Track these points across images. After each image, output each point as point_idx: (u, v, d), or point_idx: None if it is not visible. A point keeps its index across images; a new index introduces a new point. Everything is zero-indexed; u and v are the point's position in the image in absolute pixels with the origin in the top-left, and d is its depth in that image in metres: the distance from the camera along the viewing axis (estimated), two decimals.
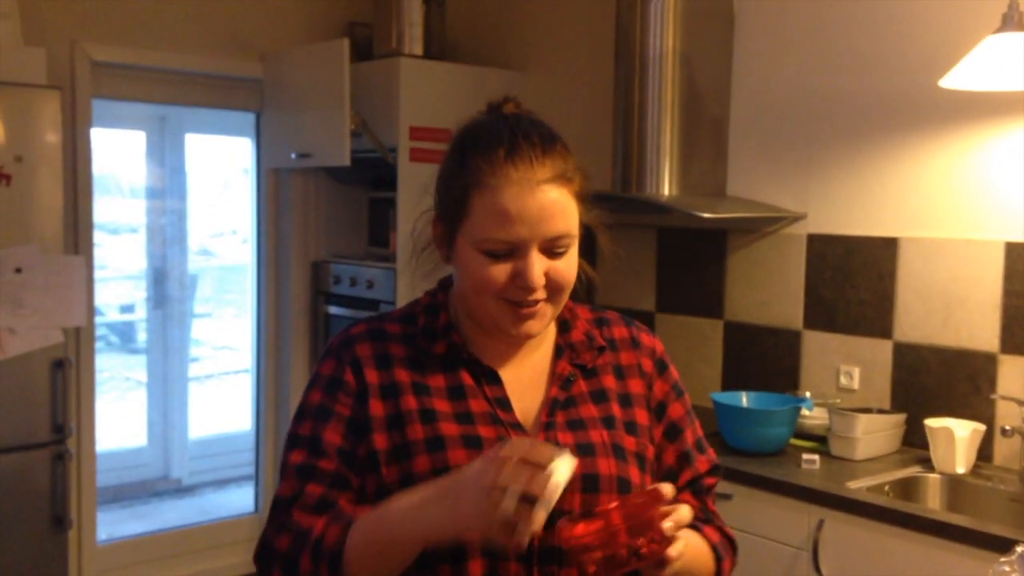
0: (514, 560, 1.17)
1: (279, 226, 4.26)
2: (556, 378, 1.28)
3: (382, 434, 1.22)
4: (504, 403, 1.25)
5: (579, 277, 1.28)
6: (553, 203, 1.19)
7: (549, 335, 1.32)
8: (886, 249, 2.96)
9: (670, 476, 1.30)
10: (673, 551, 1.05)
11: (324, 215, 4.26)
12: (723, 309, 3.41)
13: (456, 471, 1.10)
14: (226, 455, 5.08)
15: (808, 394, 3.06)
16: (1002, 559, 1.52)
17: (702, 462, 1.35)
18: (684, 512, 1.07)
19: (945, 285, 2.84)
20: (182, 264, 5.14)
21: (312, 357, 4.24)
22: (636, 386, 1.33)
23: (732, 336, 3.39)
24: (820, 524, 2.49)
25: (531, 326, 1.23)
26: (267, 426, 4.30)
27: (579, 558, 1.06)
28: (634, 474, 1.25)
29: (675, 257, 3.56)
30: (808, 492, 2.53)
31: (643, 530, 1.04)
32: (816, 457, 2.71)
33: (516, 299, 1.21)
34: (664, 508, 1.06)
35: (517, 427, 1.23)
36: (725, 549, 1.31)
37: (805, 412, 2.94)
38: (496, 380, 1.26)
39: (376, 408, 1.23)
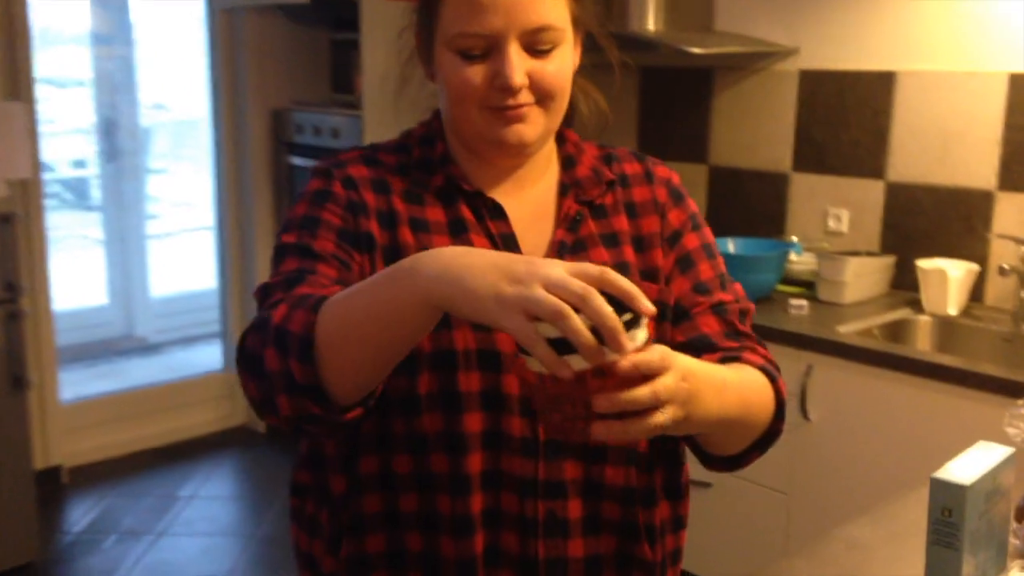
0: (519, 454, 1.06)
1: (235, 73, 4.03)
2: (563, 219, 1.14)
3: (382, 262, 1.08)
4: (510, 240, 1.11)
5: (592, 111, 1.14)
6: None
7: (552, 171, 1.18)
8: (882, 84, 2.82)
9: (680, 313, 1.15)
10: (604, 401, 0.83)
11: (283, 60, 4.04)
12: (707, 153, 3.27)
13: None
14: (191, 313, 4.98)
15: (795, 238, 2.98)
16: (1019, 402, 1.45)
17: (725, 294, 1.18)
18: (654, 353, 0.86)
19: (943, 121, 2.71)
20: (133, 115, 4.90)
21: (276, 210, 4.08)
22: (651, 224, 1.17)
23: (717, 181, 3.27)
24: (809, 369, 2.44)
25: (522, 131, 1.08)
26: (232, 282, 4.17)
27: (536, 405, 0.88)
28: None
29: (658, 99, 3.39)
30: (797, 338, 2.48)
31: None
32: (804, 302, 2.66)
33: (497, 104, 1.07)
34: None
35: None
36: (775, 368, 1.14)
37: (793, 257, 2.88)
38: (501, 215, 1.12)
39: (376, 230, 1.09)
